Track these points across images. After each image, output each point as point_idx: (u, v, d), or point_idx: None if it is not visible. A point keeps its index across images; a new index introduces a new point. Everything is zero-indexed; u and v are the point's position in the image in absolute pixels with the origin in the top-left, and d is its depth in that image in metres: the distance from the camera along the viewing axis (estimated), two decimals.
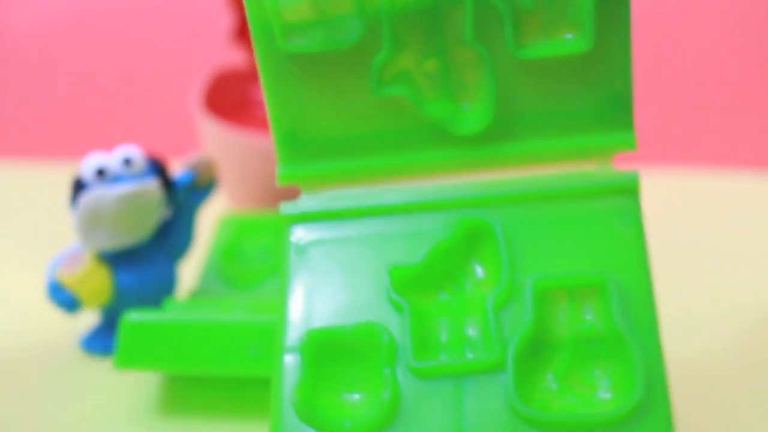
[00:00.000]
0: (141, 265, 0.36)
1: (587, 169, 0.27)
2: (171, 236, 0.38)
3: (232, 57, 0.53)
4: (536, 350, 0.25)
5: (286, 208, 0.28)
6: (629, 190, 0.26)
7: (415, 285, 0.26)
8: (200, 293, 0.39)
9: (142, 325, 0.31)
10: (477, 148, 0.27)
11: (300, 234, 0.27)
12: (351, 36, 0.26)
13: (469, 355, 0.25)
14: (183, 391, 0.34)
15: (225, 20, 0.50)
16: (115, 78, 0.70)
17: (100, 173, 0.35)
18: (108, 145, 0.37)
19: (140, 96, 0.68)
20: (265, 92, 0.27)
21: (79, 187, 0.35)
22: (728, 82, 0.66)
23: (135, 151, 0.36)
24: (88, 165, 0.35)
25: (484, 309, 0.25)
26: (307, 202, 0.28)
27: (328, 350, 0.25)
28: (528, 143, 0.27)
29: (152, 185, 0.35)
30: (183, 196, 0.38)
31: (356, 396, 0.25)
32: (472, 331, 0.25)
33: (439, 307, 0.26)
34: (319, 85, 0.27)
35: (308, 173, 0.28)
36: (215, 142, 0.46)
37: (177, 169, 0.39)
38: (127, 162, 0.35)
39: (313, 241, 0.27)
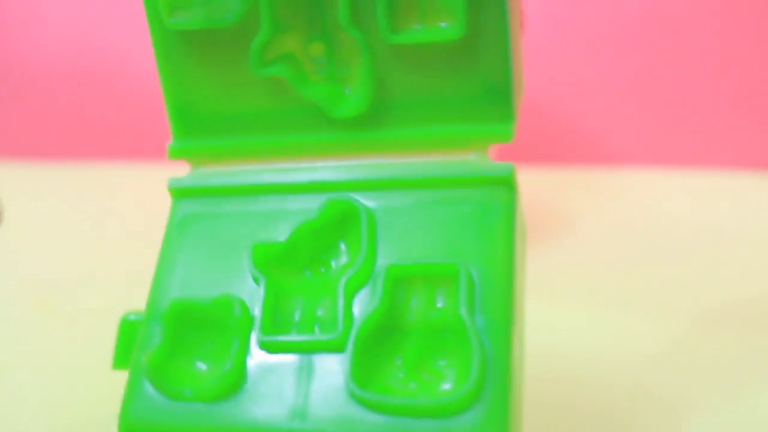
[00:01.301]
0: None
1: (463, 159, 0.26)
2: None
3: None
4: (385, 335, 0.25)
5: (172, 182, 0.28)
6: (502, 182, 0.26)
7: (277, 262, 0.26)
8: None
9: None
10: (354, 132, 0.27)
11: (181, 208, 0.28)
12: (231, 15, 0.26)
13: (317, 334, 0.25)
14: None
15: None
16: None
17: None
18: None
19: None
20: (158, 68, 0.28)
21: None
22: (728, 82, 0.64)
23: None
24: None
25: (336, 290, 0.25)
26: (191, 178, 0.28)
27: (186, 320, 0.26)
28: (404, 130, 0.27)
29: None
30: None
31: (204, 365, 0.25)
32: (322, 311, 0.25)
33: (299, 285, 0.26)
34: (205, 62, 0.27)
35: (196, 149, 0.28)
36: None
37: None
38: None
39: (192, 215, 0.28)
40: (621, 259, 0.48)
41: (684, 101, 0.65)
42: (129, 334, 0.28)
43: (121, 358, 0.29)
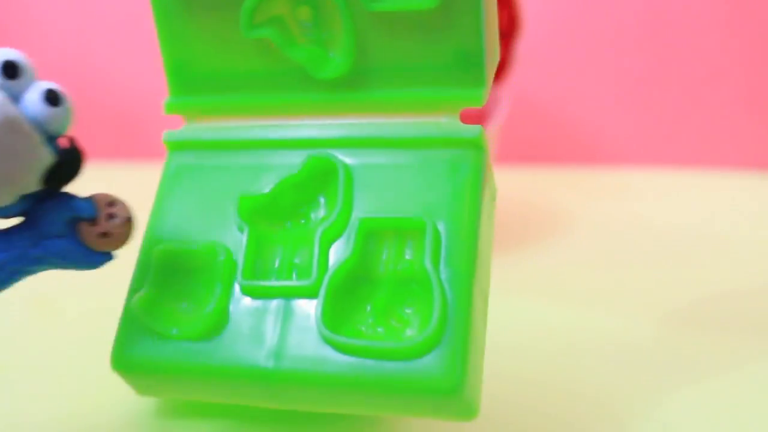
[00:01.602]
0: None
1: (436, 121, 0.28)
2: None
3: None
4: (356, 283, 0.27)
5: (168, 135, 0.30)
6: (471, 143, 0.27)
7: (261, 213, 0.28)
8: None
9: None
10: (336, 93, 0.29)
11: (175, 159, 0.30)
12: None
13: (293, 280, 0.27)
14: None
15: None
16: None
17: (10, 70, 0.24)
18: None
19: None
20: (156, 27, 0.30)
21: None
22: (728, 82, 0.64)
23: (20, 58, 0.25)
24: None
25: (313, 240, 0.27)
26: (185, 132, 0.30)
27: (174, 264, 0.28)
28: (382, 92, 0.28)
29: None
30: (53, 226, 0.26)
31: (190, 307, 0.28)
32: (299, 260, 0.27)
33: (280, 235, 0.28)
34: (201, 22, 0.29)
35: (191, 105, 0.30)
36: None
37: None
38: (12, 70, 0.24)
39: (184, 166, 0.30)
40: (620, 260, 0.48)
41: (684, 101, 0.65)
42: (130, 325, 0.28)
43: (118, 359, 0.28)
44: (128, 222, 0.26)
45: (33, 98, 0.24)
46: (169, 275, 0.28)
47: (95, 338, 0.32)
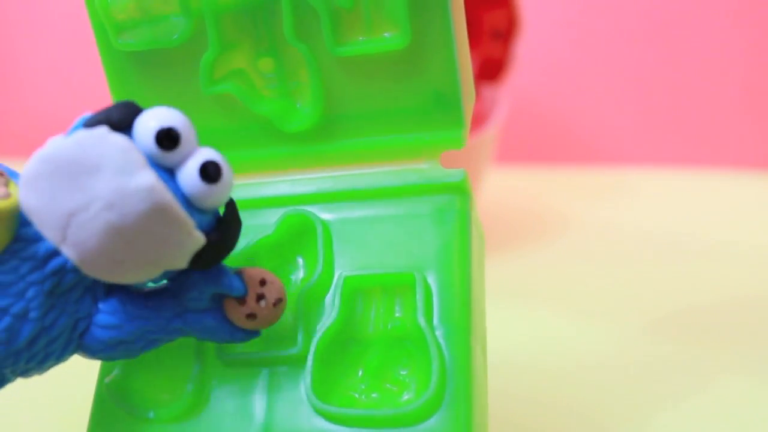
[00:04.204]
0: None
1: (416, 167, 0.27)
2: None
3: None
4: (345, 347, 0.25)
5: None
6: (454, 188, 0.26)
7: None
8: None
9: None
10: (307, 145, 0.27)
11: None
12: (177, 35, 0.26)
13: (278, 349, 0.25)
14: None
15: None
16: None
17: (168, 141, 0.21)
18: None
19: None
20: (109, 88, 0.28)
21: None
22: (728, 82, 0.65)
23: (179, 123, 0.21)
24: (147, 120, 0.21)
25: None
26: None
27: None
28: (356, 141, 0.27)
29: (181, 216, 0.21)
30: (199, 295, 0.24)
31: (166, 386, 0.26)
32: (283, 326, 0.26)
33: None
34: (155, 82, 0.27)
35: None
36: None
37: None
38: (170, 141, 0.21)
39: None
40: (619, 261, 0.47)
41: (683, 101, 0.65)
42: None
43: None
44: (278, 304, 0.24)
45: (190, 173, 0.21)
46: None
47: None
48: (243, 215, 0.27)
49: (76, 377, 0.33)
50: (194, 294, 0.23)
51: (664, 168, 0.65)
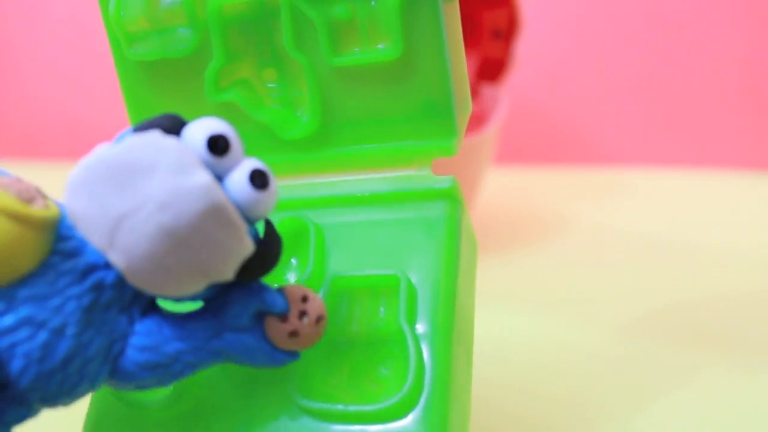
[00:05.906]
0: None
1: (408, 174, 0.27)
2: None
3: None
4: (330, 345, 0.26)
5: None
6: (444, 195, 0.27)
7: None
8: None
9: None
10: (304, 153, 0.28)
11: None
12: (184, 45, 0.28)
13: None
14: None
15: None
16: None
17: (219, 147, 0.22)
18: None
19: None
20: (123, 94, 0.29)
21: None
22: (728, 82, 0.64)
23: (228, 131, 0.22)
24: (198, 127, 0.22)
25: None
26: None
27: None
28: (351, 148, 0.28)
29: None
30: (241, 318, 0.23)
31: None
32: None
33: None
34: (165, 90, 0.29)
35: None
36: None
37: None
38: (222, 147, 0.22)
39: None
40: (619, 261, 0.47)
41: (683, 101, 0.65)
42: None
43: None
44: (320, 321, 0.23)
45: (239, 179, 0.22)
46: None
47: None
48: None
49: None
50: (236, 310, 0.23)
51: (664, 168, 0.64)
